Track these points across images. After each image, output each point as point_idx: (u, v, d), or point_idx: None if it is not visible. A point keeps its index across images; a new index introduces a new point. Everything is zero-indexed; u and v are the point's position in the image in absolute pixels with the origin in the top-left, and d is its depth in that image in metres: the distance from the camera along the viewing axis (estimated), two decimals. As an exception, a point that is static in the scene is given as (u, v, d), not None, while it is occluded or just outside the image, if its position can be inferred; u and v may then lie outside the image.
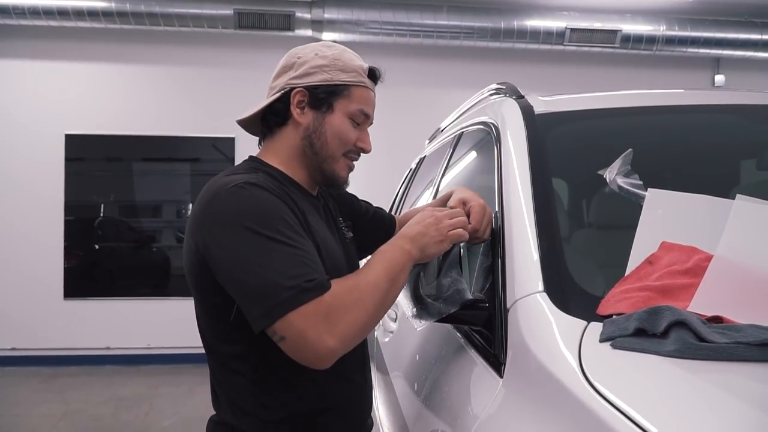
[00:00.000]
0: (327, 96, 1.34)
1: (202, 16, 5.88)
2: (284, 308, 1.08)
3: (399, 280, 1.22)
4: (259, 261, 1.12)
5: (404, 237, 1.27)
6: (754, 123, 1.80)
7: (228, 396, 1.31)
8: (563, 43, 6.28)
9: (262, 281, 1.11)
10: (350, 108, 1.36)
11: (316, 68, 1.35)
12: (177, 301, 6.31)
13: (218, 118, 6.42)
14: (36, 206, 6.31)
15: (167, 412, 4.88)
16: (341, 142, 1.36)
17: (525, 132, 1.54)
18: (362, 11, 5.99)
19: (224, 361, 1.30)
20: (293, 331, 1.09)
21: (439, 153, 2.65)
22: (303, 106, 1.35)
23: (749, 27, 6.41)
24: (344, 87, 1.35)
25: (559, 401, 0.90)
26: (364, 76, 1.38)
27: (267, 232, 1.14)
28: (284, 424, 1.29)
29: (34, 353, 6.23)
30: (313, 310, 1.09)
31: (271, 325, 1.10)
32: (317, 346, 1.09)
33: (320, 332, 1.08)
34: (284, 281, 1.09)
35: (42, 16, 5.77)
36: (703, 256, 1.10)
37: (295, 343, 1.10)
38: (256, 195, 1.20)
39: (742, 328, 0.90)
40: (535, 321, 1.09)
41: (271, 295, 1.09)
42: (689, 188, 1.29)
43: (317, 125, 1.35)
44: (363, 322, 1.14)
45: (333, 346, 1.09)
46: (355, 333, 1.13)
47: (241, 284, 1.14)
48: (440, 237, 1.29)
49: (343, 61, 1.36)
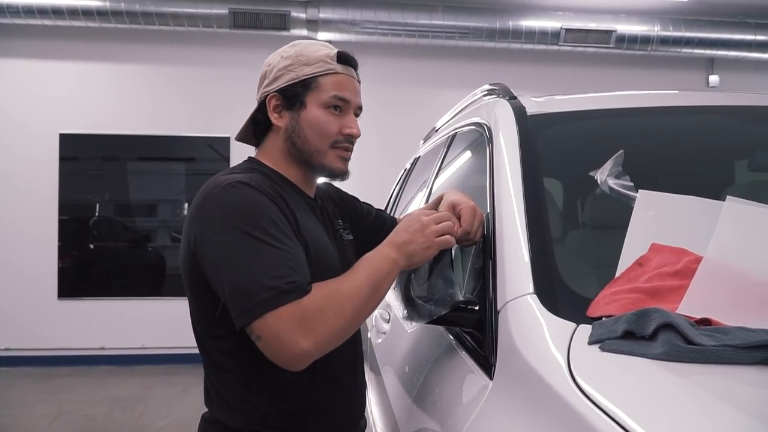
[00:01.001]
0: (297, 93, 1.34)
1: (197, 16, 5.88)
2: (262, 308, 1.09)
3: (382, 288, 1.22)
4: (244, 260, 1.13)
5: (390, 244, 1.27)
6: (747, 124, 1.80)
7: (218, 393, 1.32)
8: (558, 43, 6.30)
9: (244, 280, 1.12)
10: (322, 98, 1.34)
11: (282, 70, 1.36)
12: (172, 301, 6.30)
13: (213, 118, 6.42)
14: (30, 205, 6.29)
15: (162, 413, 4.87)
16: (322, 135, 1.35)
17: (517, 133, 1.54)
18: (357, 11, 5.99)
19: (214, 359, 1.31)
20: (269, 332, 1.10)
21: (433, 153, 2.65)
22: (279, 109, 1.36)
23: (743, 27, 6.43)
24: (311, 80, 1.34)
25: (547, 403, 0.90)
26: (332, 63, 1.36)
27: (254, 231, 1.15)
28: (272, 421, 1.30)
29: (27, 353, 6.22)
30: (290, 313, 1.09)
31: (249, 323, 1.11)
32: (291, 349, 1.09)
33: (295, 335, 1.09)
34: (265, 281, 1.10)
35: (36, 15, 5.76)
36: (693, 258, 1.10)
37: (270, 344, 1.11)
38: (246, 194, 1.21)
39: (731, 330, 0.90)
40: (525, 323, 1.09)
41: (251, 294, 1.10)
42: (681, 189, 1.29)
43: (294, 124, 1.35)
44: (340, 327, 1.14)
45: (307, 349, 1.10)
46: (331, 338, 1.14)
47: (224, 282, 1.15)
48: (426, 243, 1.28)
49: (306, 55, 1.35)
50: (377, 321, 2.23)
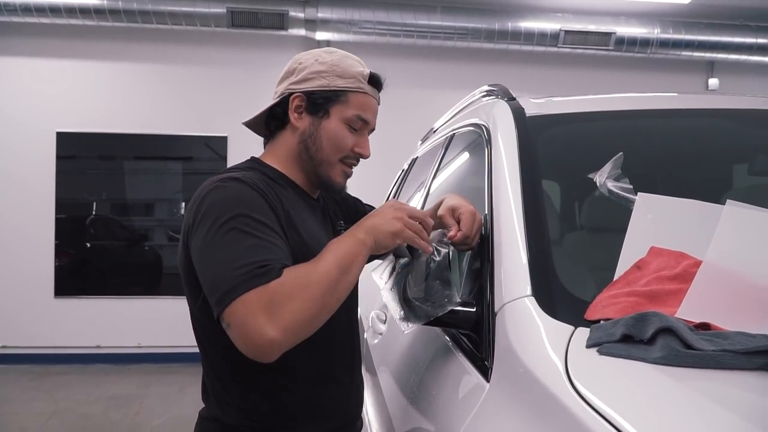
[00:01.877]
0: (324, 101, 1.36)
1: (195, 15, 5.86)
2: (231, 296, 1.08)
3: (351, 270, 1.20)
4: (220, 251, 1.13)
5: (359, 227, 1.27)
6: (746, 127, 1.80)
7: (214, 388, 1.33)
8: (557, 45, 6.28)
9: (218, 270, 1.12)
10: (347, 114, 1.36)
11: (314, 74, 1.37)
12: (168, 300, 6.28)
13: (211, 117, 6.41)
14: (27, 204, 6.27)
15: (157, 411, 4.86)
16: (336, 148, 1.37)
17: (516, 134, 1.53)
18: (356, 11, 5.98)
19: (212, 354, 1.32)
20: (236, 319, 1.07)
21: (431, 154, 2.64)
22: (301, 111, 1.37)
23: (743, 31, 6.43)
24: (341, 93, 1.36)
25: (544, 406, 0.90)
26: (364, 83, 1.38)
27: (233, 224, 1.15)
28: (267, 419, 1.30)
29: (23, 351, 6.20)
30: (256, 298, 1.07)
31: (222, 312, 1.09)
32: (257, 336, 1.05)
33: (260, 322, 1.05)
34: (237, 268, 1.09)
35: (34, 13, 5.74)
36: (692, 261, 1.10)
37: (239, 332, 1.08)
38: (233, 190, 1.22)
39: (730, 335, 0.89)
40: (523, 325, 1.08)
41: (222, 282, 1.10)
42: (680, 193, 1.29)
43: (313, 130, 1.37)
44: (308, 312, 1.10)
45: (273, 336, 1.05)
46: (300, 324, 1.09)
47: (204, 273, 1.16)
48: (393, 228, 1.26)
49: (342, 67, 1.37)
50: (374, 322, 2.22)
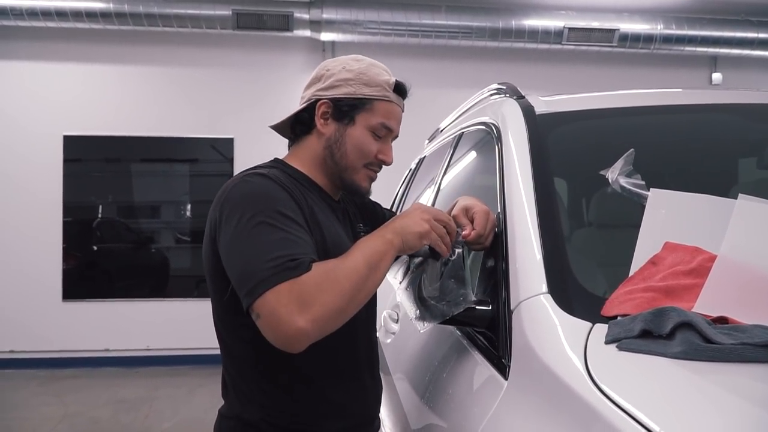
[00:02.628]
0: (350, 109, 1.38)
1: (201, 17, 5.87)
2: (263, 286, 1.10)
3: (380, 268, 1.22)
4: (249, 243, 1.16)
5: (387, 227, 1.29)
6: (753, 122, 1.80)
7: (235, 384, 1.35)
8: (561, 42, 6.28)
9: (248, 262, 1.14)
10: (372, 122, 1.39)
11: (341, 81, 1.39)
12: (176, 302, 6.30)
13: (217, 119, 6.42)
14: (34, 208, 6.29)
15: (167, 414, 4.87)
16: (361, 154, 1.39)
17: (526, 132, 1.54)
18: (360, 11, 5.99)
19: (234, 350, 1.34)
20: (267, 309, 1.10)
21: (439, 153, 2.65)
22: (327, 117, 1.40)
23: (746, 25, 6.42)
24: (367, 101, 1.38)
25: (565, 403, 0.90)
26: (389, 91, 1.40)
27: (260, 217, 1.18)
28: (285, 413, 1.31)
29: (32, 355, 6.22)
30: (287, 289, 1.10)
31: (252, 303, 1.12)
32: (288, 326, 1.08)
33: (291, 311, 1.08)
34: (268, 261, 1.12)
35: (40, 18, 5.76)
36: (707, 256, 1.10)
37: (268, 322, 1.10)
38: (260, 184, 1.26)
39: (748, 328, 0.90)
40: (540, 323, 1.09)
41: (253, 273, 1.12)
42: (691, 188, 1.29)
43: (338, 137, 1.39)
44: (338, 305, 1.13)
45: (303, 327, 1.08)
46: (329, 316, 1.12)
47: (233, 265, 1.19)
48: (421, 228, 1.28)
49: (369, 76, 1.39)
50: (386, 321, 2.23)
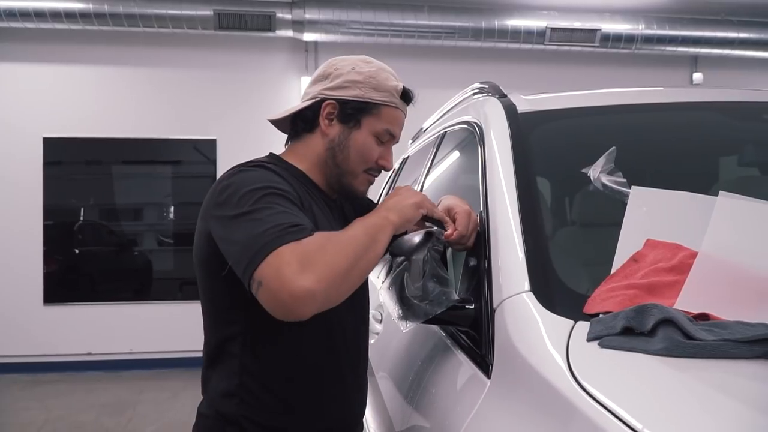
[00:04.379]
0: (356, 112, 1.37)
1: (182, 17, 5.83)
2: (264, 252, 1.08)
3: (379, 240, 1.22)
4: (251, 220, 1.14)
5: (381, 206, 1.31)
6: (733, 120, 1.81)
7: (216, 378, 1.33)
8: (544, 42, 6.32)
9: (250, 234, 1.12)
10: (377, 127, 1.38)
11: (350, 83, 1.37)
12: (159, 305, 6.26)
13: (199, 120, 6.38)
14: (14, 210, 6.22)
15: (150, 418, 4.82)
16: (363, 159, 1.39)
17: (508, 131, 1.54)
18: (343, 11, 5.98)
19: (220, 345, 1.33)
20: (269, 272, 1.07)
21: (422, 153, 2.64)
22: (332, 118, 1.38)
23: (726, 25, 6.49)
24: (374, 105, 1.37)
25: (547, 401, 0.90)
26: (396, 97, 1.39)
27: (261, 201, 1.17)
28: (266, 411, 1.30)
29: (13, 360, 6.15)
30: (291, 250, 1.08)
31: (253, 273, 1.09)
32: (293, 286, 1.05)
33: (295, 272, 1.05)
34: (268, 229, 1.10)
35: (18, 18, 5.69)
36: (688, 253, 1.11)
37: (271, 286, 1.07)
38: (257, 172, 1.26)
39: (729, 325, 0.90)
40: (522, 321, 1.09)
41: (254, 245, 1.10)
42: (672, 185, 1.29)
43: (342, 139, 1.38)
44: (342, 265, 1.11)
45: (309, 286, 1.05)
46: (335, 276, 1.10)
47: (232, 244, 1.16)
48: (416, 200, 1.30)
49: (378, 80, 1.38)
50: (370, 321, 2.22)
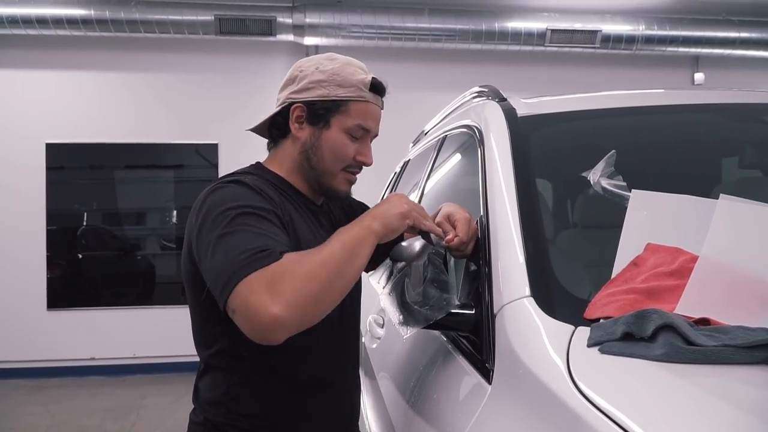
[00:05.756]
0: (324, 112, 1.35)
1: (183, 23, 5.84)
2: (234, 281, 1.08)
3: (359, 254, 1.19)
4: (223, 245, 1.14)
5: (365, 215, 1.28)
6: (735, 121, 1.81)
7: (206, 387, 1.35)
8: (544, 44, 6.31)
9: (221, 261, 1.12)
10: (347, 123, 1.35)
11: (314, 83, 1.35)
12: (162, 309, 6.26)
13: (201, 125, 6.39)
14: (18, 216, 6.23)
15: (154, 422, 4.83)
16: (338, 158, 1.36)
17: (508, 135, 1.53)
18: (343, 15, 5.98)
19: (207, 357, 1.34)
20: (240, 301, 1.07)
21: (423, 156, 2.64)
22: (301, 121, 1.37)
23: (727, 25, 6.48)
24: (342, 102, 1.34)
25: (548, 407, 0.90)
26: (365, 90, 1.36)
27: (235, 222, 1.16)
28: (252, 419, 1.31)
29: (17, 365, 6.15)
30: (257, 278, 1.07)
31: (226, 300, 1.09)
32: (261, 315, 1.05)
33: (263, 300, 1.05)
34: (237, 255, 1.10)
35: (21, 25, 5.70)
36: (689, 257, 1.10)
37: (243, 314, 1.07)
38: (233, 190, 1.24)
39: (730, 330, 0.90)
40: (523, 326, 1.08)
41: (224, 272, 1.10)
42: (673, 188, 1.29)
43: (314, 141, 1.36)
44: (311, 289, 1.09)
45: (277, 313, 1.04)
46: (305, 302, 1.08)
47: (208, 269, 1.16)
48: (401, 210, 1.27)
49: (342, 76, 1.35)
50: (371, 326, 2.22)
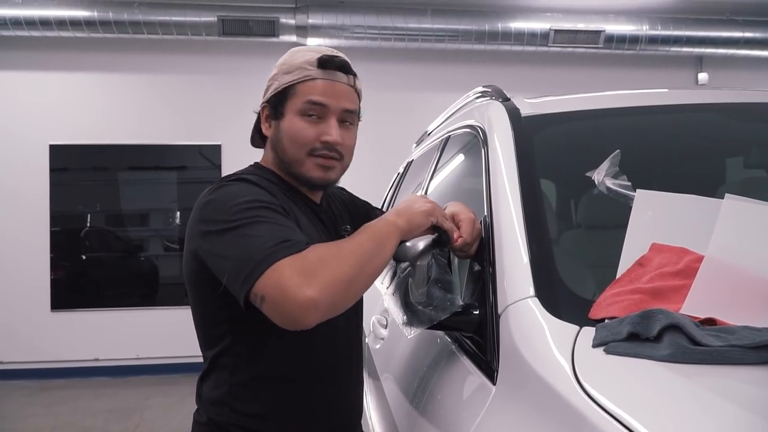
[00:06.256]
0: (278, 103, 1.34)
1: (186, 24, 5.85)
2: (262, 267, 1.08)
3: (385, 246, 1.21)
4: (243, 235, 1.14)
5: (390, 212, 1.30)
6: (739, 121, 1.80)
7: (210, 386, 1.34)
8: (547, 44, 6.31)
9: (243, 253, 1.12)
10: (297, 105, 1.32)
11: (270, 80, 1.37)
12: (166, 310, 6.26)
13: (204, 126, 6.40)
14: (21, 217, 6.24)
15: (158, 423, 4.84)
16: (297, 143, 1.32)
17: (512, 134, 1.53)
18: (346, 16, 5.98)
19: (210, 358, 1.34)
20: (271, 286, 1.07)
21: (426, 157, 2.64)
22: (269, 120, 1.38)
23: (731, 25, 6.46)
24: (289, 88, 1.33)
25: (553, 408, 0.89)
26: (311, 68, 1.32)
27: (249, 213, 1.16)
28: (255, 418, 1.30)
29: (21, 366, 6.16)
30: (290, 263, 1.08)
31: (251, 287, 1.09)
32: (296, 297, 1.05)
33: (297, 282, 1.05)
34: (262, 245, 1.10)
35: (24, 27, 5.72)
36: (694, 257, 1.10)
37: (275, 299, 1.07)
38: (239, 186, 1.25)
39: (736, 330, 0.89)
40: (527, 327, 1.08)
41: (249, 260, 1.10)
42: (678, 188, 1.29)
43: (277, 134, 1.36)
44: (345, 274, 1.11)
45: (312, 295, 1.05)
46: (337, 285, 1.10)
47: (224, 260, 1.16)
48: (426, 208, 1.28)
49: (288, 63, 1.35)
50: (375, 326, 2.22)
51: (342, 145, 1.33)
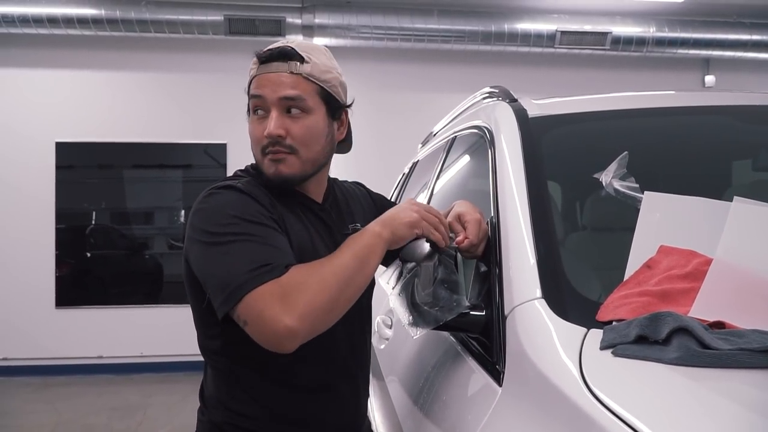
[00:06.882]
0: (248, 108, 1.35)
1: (193, 23, 5.86)
2: (241, 291, 1.09)
3: (369, 262, 1.21)
4: (224, 254, 1.15)
5: (376, 221, 1.28)
6: (747, 124, 1.79)
7: (210, 386, 1.36)
8: (554, 45, 6.29)
9: (222, 272, 1.13)
10: (249, 106, 1.33)
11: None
12: (170, 308, 6.27)
13: (210, 125, 6.41)
14: (27, 215, 6.26)
15: (161, 421, 4.84)
16: (253, 144, 1.31)
17: (519, 135, 1.52)
18: (353, 16, 5.98)
19: (210, 360, 1.35)
20: (252, 313, 1.09)
21: (432, 157, 2.64)
22: None
23: (738, 27, 6.44)
24: (247, 92, 1.34)
25: (560, 410, 0.89)
26: (255, 66, 1.31)
27: (233, 228, 1.17)
28: (250, 419, 1.30)
29: (25, 363, 6.18)
30: (269, 290, 1.09)
31: (230, 310, 1.11)
32: (275, 326, 1.07)
33: (276, 312, 1.07)
34: (243, 267, 1.11)
35: (32, 25, 5.73)
36: (703, 259, 1.09)
37: (256, 325, 1.10)
38: (225, 197, 1.23)
39: (745, 333, 0.89)
40: (534, 328, 1.07)
41: (230, 281, 1.11)
42: (685, 190, 1.28)
43: None
44: (325, 301, 1.12)
45: (291, 325, 1.07)
46: (317, 313, 1.11)
47: (207, 276, 1.18)
48: (411, 219, 1.27)
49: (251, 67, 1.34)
50: (379, 327, 2.21)
51: (287, 136, 1.26)
